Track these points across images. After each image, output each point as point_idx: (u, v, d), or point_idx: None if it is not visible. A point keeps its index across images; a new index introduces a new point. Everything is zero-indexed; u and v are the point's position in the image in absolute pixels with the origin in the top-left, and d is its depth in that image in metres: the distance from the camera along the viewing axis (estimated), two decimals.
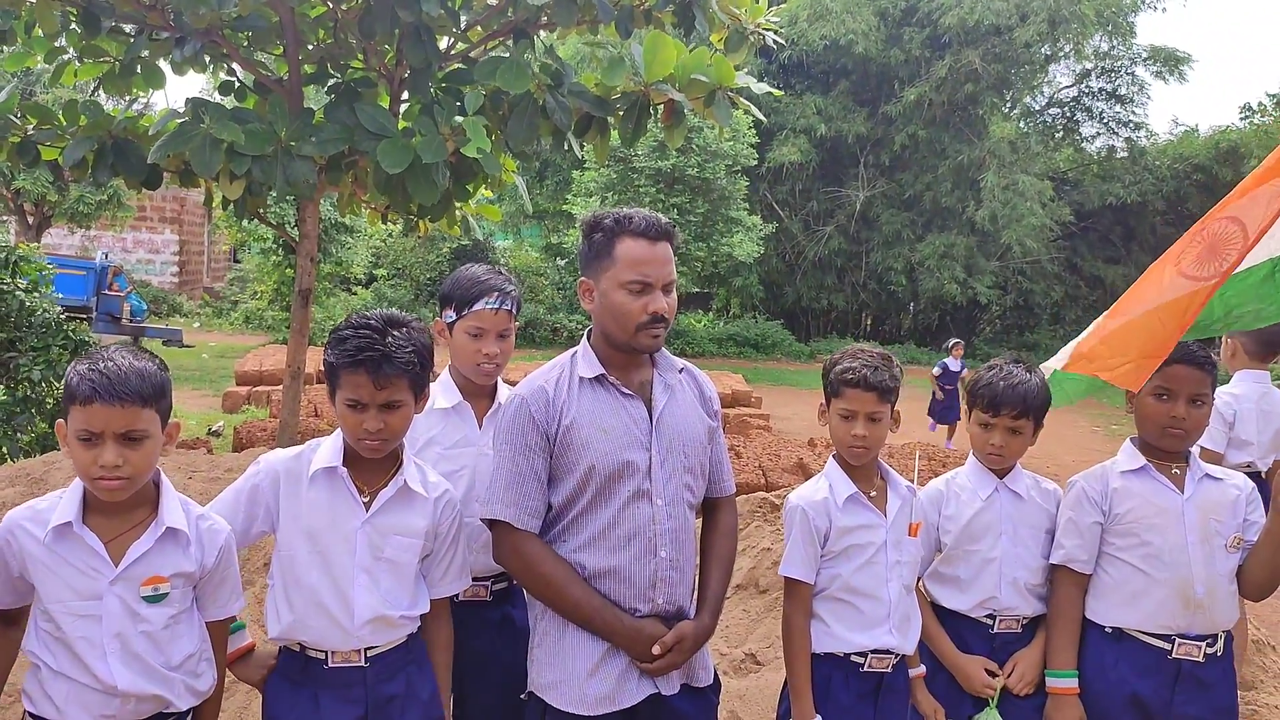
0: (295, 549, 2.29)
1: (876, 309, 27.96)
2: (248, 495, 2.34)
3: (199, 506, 2.27)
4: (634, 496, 2.32)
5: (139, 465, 2.06)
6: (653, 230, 2.35)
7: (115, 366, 2.04)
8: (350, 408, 2.25)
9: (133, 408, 2.03)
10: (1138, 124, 28.05)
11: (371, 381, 2.22)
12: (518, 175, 6.75)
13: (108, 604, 2.08)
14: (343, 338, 2.26)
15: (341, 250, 20.69)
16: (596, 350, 2.42)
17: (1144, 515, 2.69)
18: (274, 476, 2.34)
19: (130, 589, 2.10)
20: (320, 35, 5.91)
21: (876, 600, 2.60)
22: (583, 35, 5.99)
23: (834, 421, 2.63)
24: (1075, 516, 2.76)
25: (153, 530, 2.13)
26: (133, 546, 2.10)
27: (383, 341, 2.23)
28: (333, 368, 2.28)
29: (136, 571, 2.10)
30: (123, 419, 2.03)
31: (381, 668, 2.32)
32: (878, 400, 2.57)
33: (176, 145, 5.08)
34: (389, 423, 2.26)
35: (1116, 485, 2.74)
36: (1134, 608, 2.68)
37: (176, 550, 2.15)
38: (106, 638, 2.07)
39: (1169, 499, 2.68)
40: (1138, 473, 2.74)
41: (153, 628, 2.11)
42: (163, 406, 2.11)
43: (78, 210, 20.58)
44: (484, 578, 2.68)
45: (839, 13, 23.59)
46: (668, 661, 2.29)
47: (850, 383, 2.58)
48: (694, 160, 20.59)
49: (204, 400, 13.03)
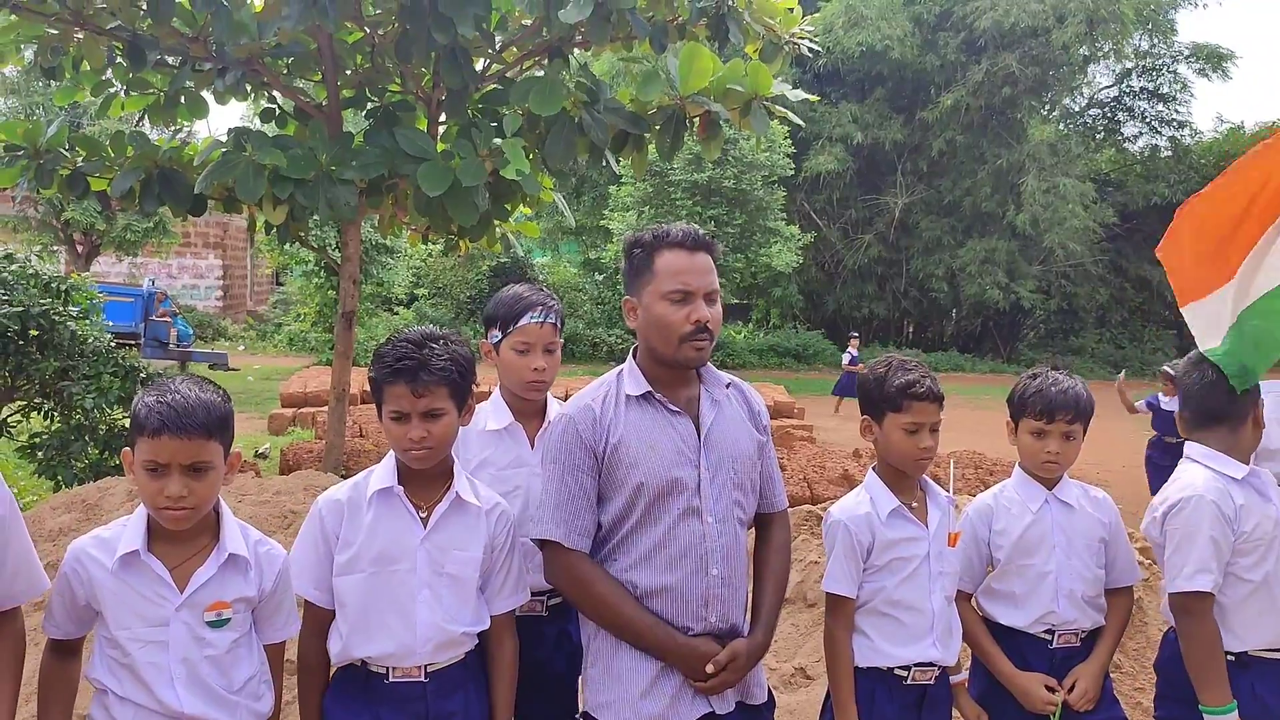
0: (357, 569, 2.31)
1: (918, 317, 27.75)
2: (320, 534, 2.37)
3: (256, 531, 2.31)
4: (684, 514, 2.31)
5: (203, 496, 2.10)
6: (690, 241, 2.36)
7: (183, 399, 2.07)
8: (395, 420, 2.31)
9: (198, 440, 2.07)
10: (1181, 122, 27.71)
11: (411, 391, 2.28)
12: (556, 193, 6.78)
13: (174, 630, 2.11)
14: (382, 354, 2.34)
15: (382, 271, 20.86)
16: (642, 368, 2.41)
17: (1265, 531, 2.60)
18: (336, 510, 2.37)
19: (195, 615, 2.13)
20: (358, 60, 6.00)
21: (920, 613, 2.58)
22: (617, 52, 6.02)
23: (895, 435, 2.59)
24: (1216, 536, 2.58)
25: (215, 557, 2.17)
26: (197, 573, 2.14)
27: (419, 353, 2.30)
28: (376, 384, 2.33)
29: (201, 597, 2.14)
30: (189, 451, 2.06)
31: (441, 684, 2.33)
32: (939, 410, 2.58)
33: (221, 173, 5.17)
34: (432, 431, 2.31)
35: (1241, 501, 2.62)
36: (1260, 627, 2.60)
37: (238, 576, 2.19)
38: (173, 663, 2.10)
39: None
40: (1243, 484, 2.64)
41: (217, 652, 2.15)
42: (226, 438, 2.15)
43: (124, 238, 20.98)
44: (540, 593, 2.68)
45: (874, 19, 23.51)
46: (721, 680, 2.27)
47: (917, 395, 2.56)
48: (730, 172, 20.58)
49: (250, 423, 13.18)
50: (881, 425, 2.63)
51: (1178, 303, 3.02)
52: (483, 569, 2.40)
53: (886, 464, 2.68)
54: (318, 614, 2.36)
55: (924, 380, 2.58)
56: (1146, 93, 27.76)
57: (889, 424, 2.60)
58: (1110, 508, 2.88)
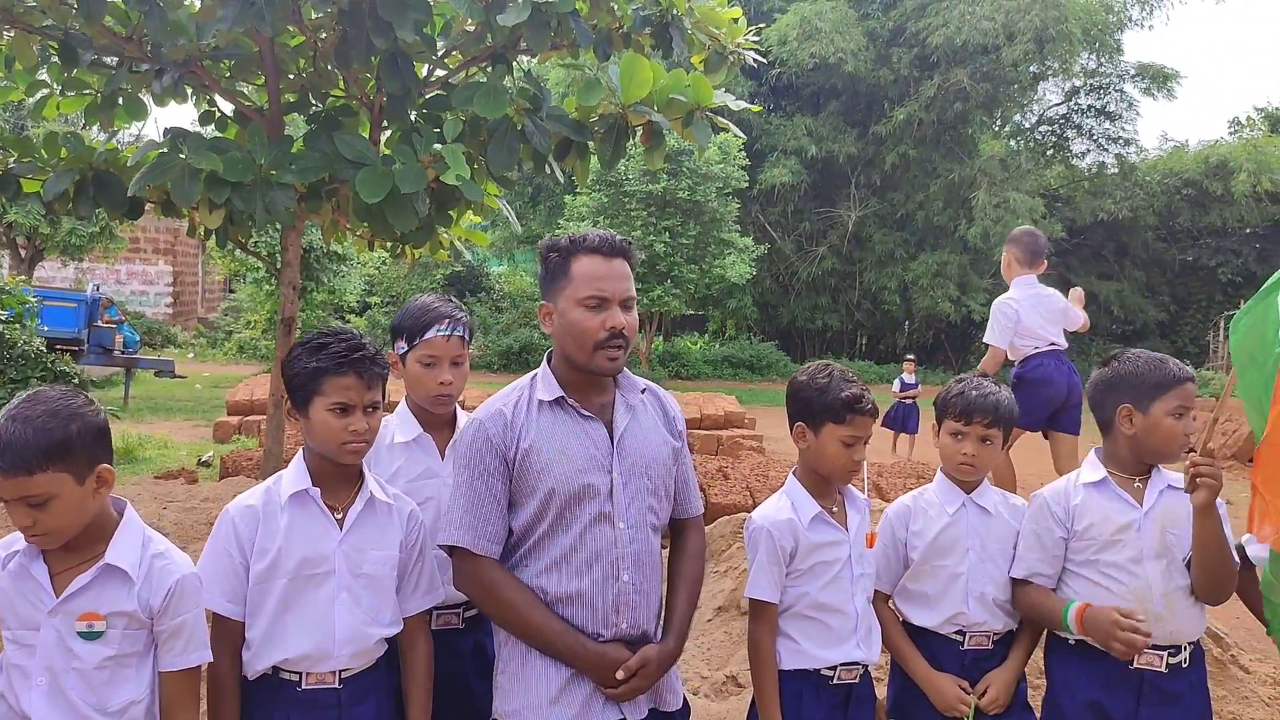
0: (276, 576, 2.27)
1: (871, 328, 28.00)
2: (234, 543, 2.30)
3: (163, 543, 2.20)
4: (595, 520, 2.29)
5: (51, 525, 2.01)
6: (607, 247, 2.34)
7: (8, 435, 1.96)
8: (336, 413, 2.28)
9: (19, 478, 1.96)
10: (1127, 140, 28.29)
11: (362, 382, 2.29)
12: (502, 200, 6.74)
13: (43, 635, 2.05)
14: (323, 344, 2.31)
15: (334, 279, 20.69)
16: (556, 373, 2.39)
17: (1103, 531, 2.68)
18: (249, 516, 2.30)
19: (67, 623, 2.06)
20: (301, 64, 5.93)
21: (844, 615, 2.61)
22: (563, 59, 6.01)
23: (832, 447, 2.61)
24: (1038, 530, 2.75)
25: (95, 567, 2.09)
26: (73, 581, 2.07)
27: (363, 344, 2.33)
28: (315, 374, 2.28)
29: (73, 606, 2.06)
30: (13, 489, 1.97)
31: (355, 690, 2.31)
32: (873, 424, 2.68)
33: (156, 176, 5.08)
34: (371, 424, 2.33)
35: (1077, 500, 2.73)
36: None
37: (118, 588, 2.09)
38: (37, 669, 2.05)
39: (1128, 513, 2.67)
40: (1098, 485, 2.72)
41: (84, 665, 2.06)
42: (70, 462, 2.00)
43: (69, 243, 20.56)
44: (456, 605, 2.66)
45: (828, 32, 23.74)
46: (632, 686, 2.26)
47: (861, 410, 2.61)
48: (685, 183, 20.66)
49: (196, 430, 13.00)
50: (818, 434, 2.64)
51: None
52: (399, 568, 2.38)
53: (811, 470, 2.70)
54: (230, 628, 2.29)
55: (866, 395, 2.64)
56: (1094, 110, 28.30)
57: (827, 434, 2.62)
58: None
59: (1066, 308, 6.38)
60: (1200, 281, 27.88)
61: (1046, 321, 6.19)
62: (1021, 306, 6.11)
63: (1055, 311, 6.25)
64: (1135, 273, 27.55)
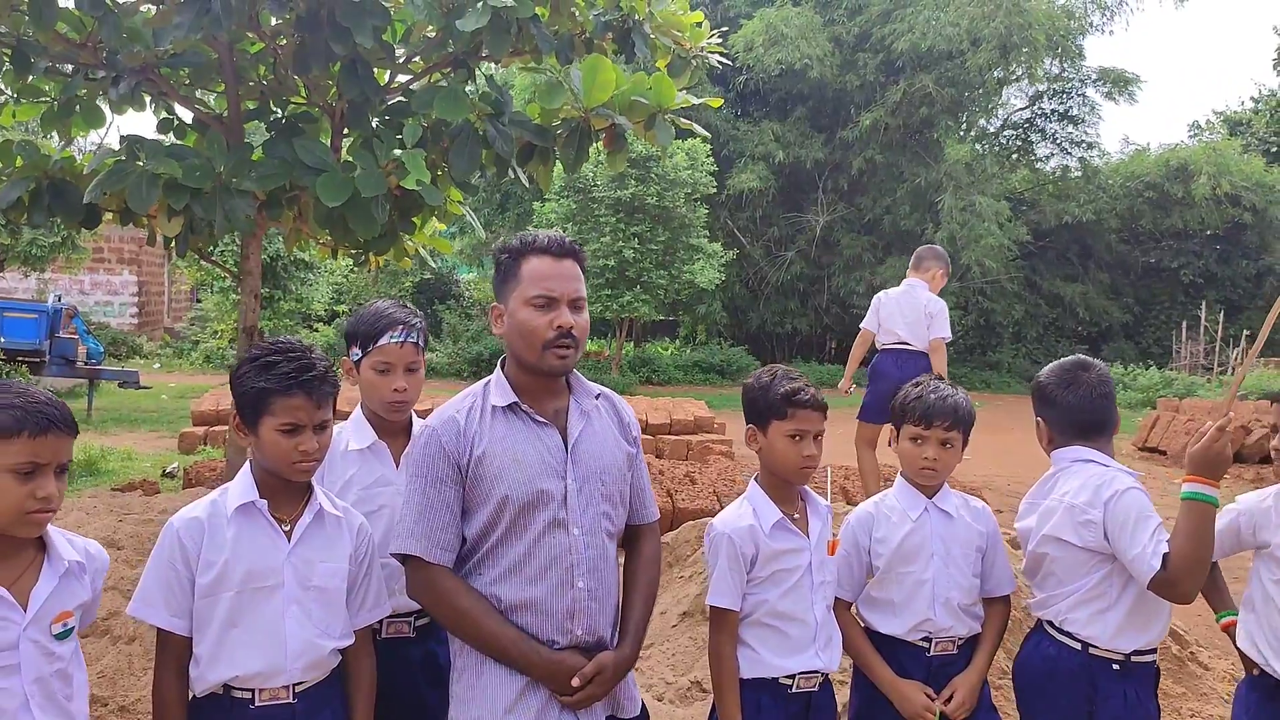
0: (223, 589, 2.23)
1: (841, 333, 28.07)
2: (179, 556, 2.25)
3: (69, 533, 2.21)
4: (550, 526, 2.27)
5: (61, 497, 2.05)
6: (556, 247, 2.34)
7: (31, 397, 2.00)
8: (286, 432, 2.25)
9: (72, 437, 2.04)
10: (1090, 144, 28.59)
11: (312, 402, 2.25)
12: (465, 206, 6.72)
13: (24, 650, 2.01)
14: (271, 363, 2.25)
15: (302, 287, 20.53)
16: (510, 378, 2.38)
17: None
18: (194, 529, 2.26)
19: (42, 630, 2.05)
20: (260, 71, 5.88)
21: (803, 624, 2.60)
22: (526, 64, 5.99)
23: (780, 443, 2.61)
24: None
25: (52, 568, 2.08)
26: (36, 590, 2.04)
27: (317, 363, 2.28)
28: (263, 394, 2.24)
29: (47, 611, 2.05)
30: (68, 449, 2.04)
31: (309, 704, 2.28)
32: (823, 419, 2.67)
33: (112, 183, 5.01)
34: (321, 443, 2.30)
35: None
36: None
37: (76, 582, 2.13)
38: (27, 684, 2.00)
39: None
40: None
41: (64, 664, 2.08)
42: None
43: (30, 253, 20.26)
44: (406, 614, 2.63)
45: (794, 38, 23.81)
46: (588, 694, 2.24)
47: (801, 403, 2.60)
48: (653, 189, 20.64)
49: (161, 441, 12.83)
50: (766, 433, 2.65)
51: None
52: (350, 581, 2.35)
53: (770, 474, 2.70)
54: (175, 644, 2.25)
55: (808, 388, 2.63)
56: (1057, 115, 28.57)
57: (774, 431, 2.63)
58: (989, 518, 2.93)
59: (935, 315, 6.65)
60: (1163, 283, 28.22)
61: (905, 321, 6.62)
62: (886, 301, 6.75)
63: (918, 314, 6.63)
64: (1100, 275, 27.85)
